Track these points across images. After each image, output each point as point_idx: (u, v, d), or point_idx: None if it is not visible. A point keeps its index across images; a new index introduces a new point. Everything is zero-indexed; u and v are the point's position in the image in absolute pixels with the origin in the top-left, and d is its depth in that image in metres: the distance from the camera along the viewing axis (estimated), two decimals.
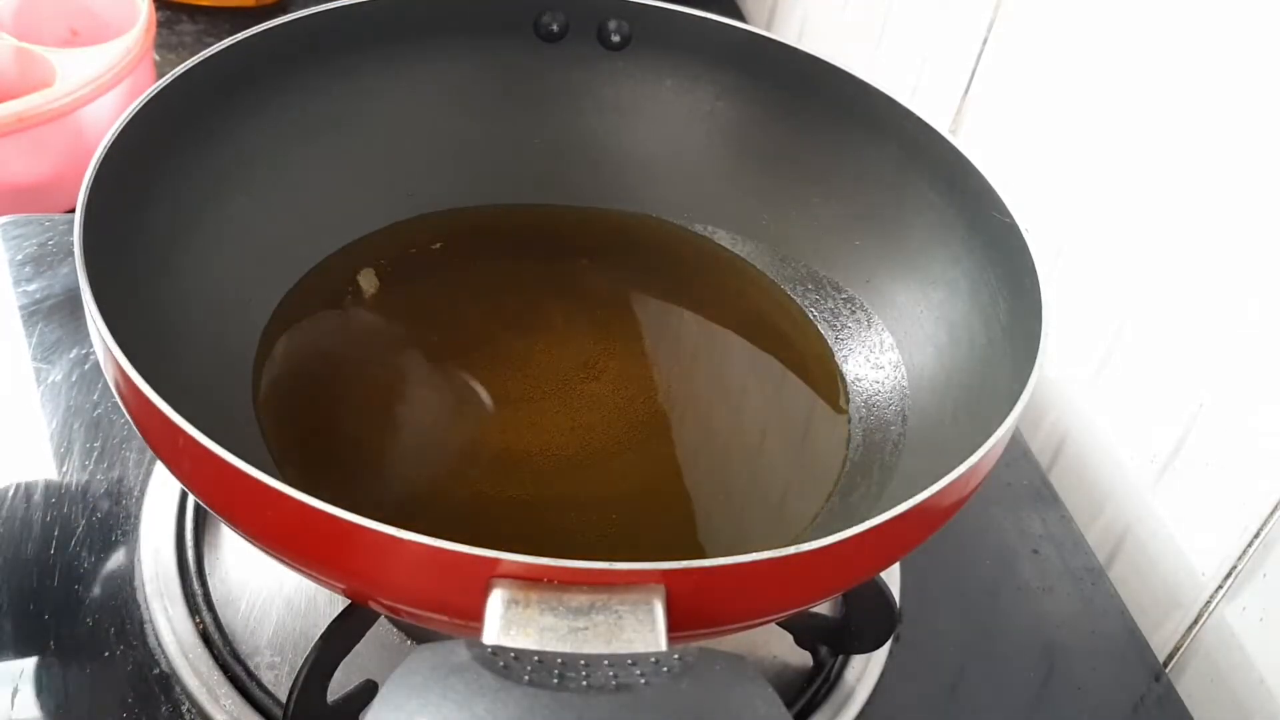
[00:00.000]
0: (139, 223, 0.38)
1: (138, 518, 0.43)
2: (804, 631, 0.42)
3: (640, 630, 0.26)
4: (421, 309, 0.45)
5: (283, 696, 0.38)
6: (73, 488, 0.45)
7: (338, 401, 0.41)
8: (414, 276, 0.46)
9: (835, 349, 0.46)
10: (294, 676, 0.34)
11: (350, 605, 0.34)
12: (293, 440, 0.39)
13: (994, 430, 0.32)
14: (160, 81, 0.39)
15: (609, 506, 0.39)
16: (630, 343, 0.45)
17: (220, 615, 0.40)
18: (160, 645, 0.39)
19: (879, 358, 0.45)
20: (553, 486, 0.39)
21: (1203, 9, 0.46)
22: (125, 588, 0.41)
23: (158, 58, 0.72)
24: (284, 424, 0.40)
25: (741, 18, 0.89)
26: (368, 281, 0.45)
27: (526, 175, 0.50)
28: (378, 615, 0.36)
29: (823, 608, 0.42)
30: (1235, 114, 0.45)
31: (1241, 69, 0.44)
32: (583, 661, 0.25)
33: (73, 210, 0.34)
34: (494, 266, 0.47)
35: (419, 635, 0.40)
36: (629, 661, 0.25)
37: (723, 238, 0.50)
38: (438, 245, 0.47)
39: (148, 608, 0.40)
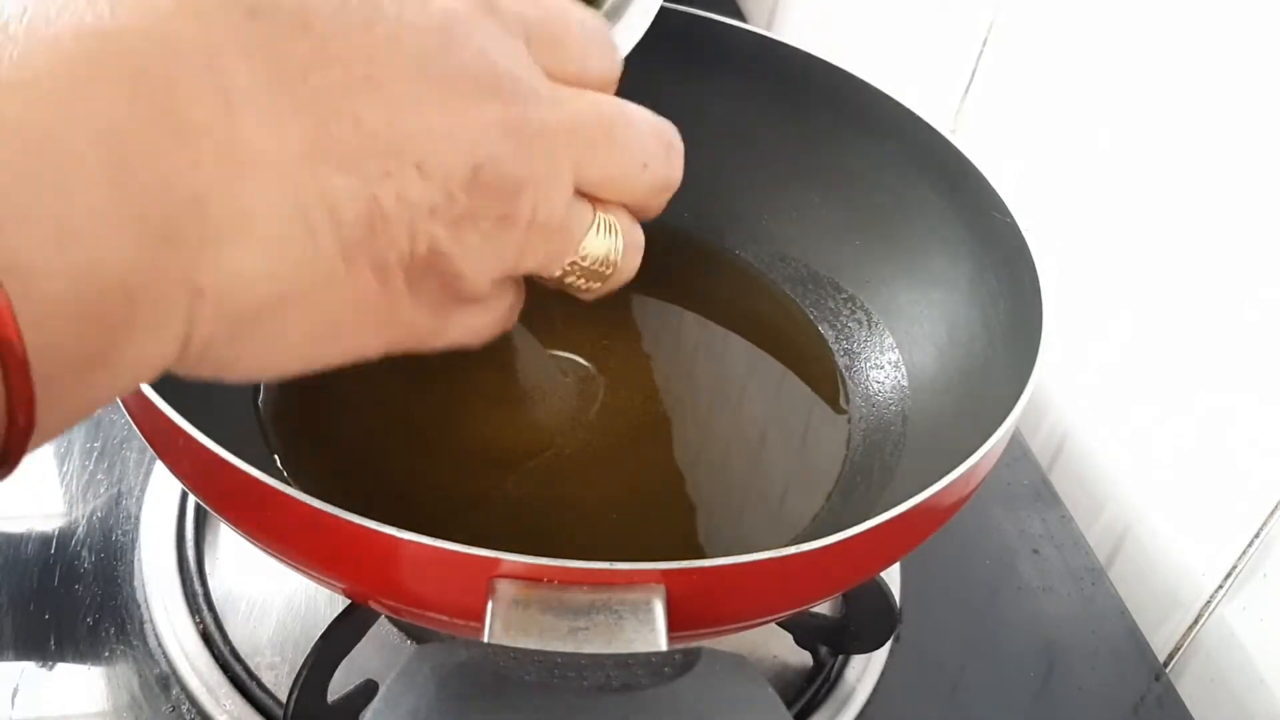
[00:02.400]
0: None
1: (138, 517, 0.43)
2: (804, 631, 0.42)
3: (640, 630, 0.26)
4: None
5: (283, 696, 0.38)
6: (73, 487, 0.45)
7: (338, 400, 0.41)
8: None
9: (835, 349, 0.46)
10: (294, 676, 0.34)
11: (350, 605, 0.34)
12: (292, 439, 0.39)
13: (994, 430, 0.32)
14: None
15: (609, 506, 0.39)
16: (630, 343, 0.45)
17: (220, 615, 0.40)
18: (160, 645, 0.39)
19: (879, 357, 0.45)
20: (552, 486, 0.39)
21: (1202, 10, 0.46)
22: (125, 588, 0.41)
23: None
24: (284, 423, 0.40)
25: (741, 17, 0.89)
26: None
27: None
28: (378, 615, 0.36)
29: (823, 607, 0.42)
30: (1234, 116, 0.45)
31: (1241, 67, 0.44)
32: (583, 662, 0.25)
33: None
34: None
35: (419, 635, 0.40)
36: (629, 662, 0.25)
37: (722, 238, 0.50)
38: None
39: (148, 607, 0.41)
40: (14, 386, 0.19)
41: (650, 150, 0.29)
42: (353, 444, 0.40)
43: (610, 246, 0.30)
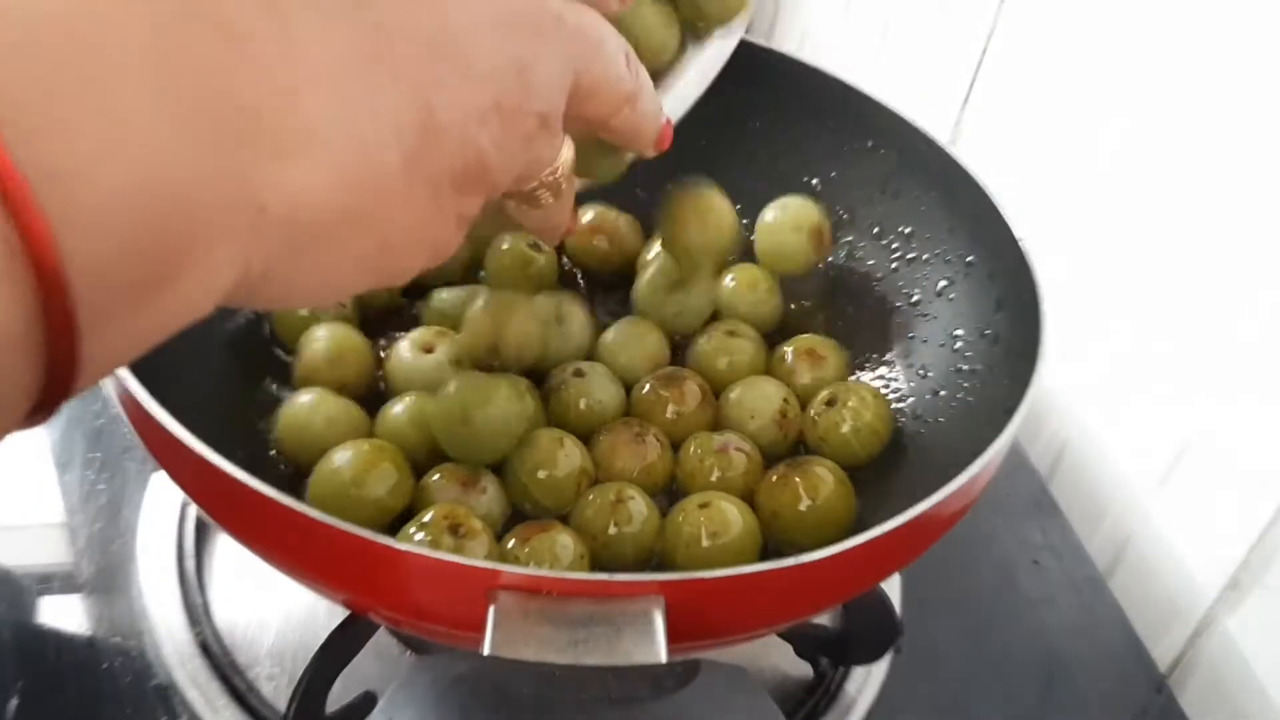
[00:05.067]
0: None
1: (137, 527, 0.43)
2: (804, 642, 0.42)
3: (639, 642, 0.26)
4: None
5: (282, 708, 0.38)
6: (73, 497, 0.45)
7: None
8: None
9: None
10: (293, 687, 0.34)
11: (350, 616, 0.34)
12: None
13: (993, 440, 0.32)
14: None
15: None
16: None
17: (219, 625, 0.40)
18: (159, 656, 0.39)
19: (878, 366, 0.45)
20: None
21: (1201, 21, 0.46)
22: (124, 597, 0.41)
23: None
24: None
25: None
26: None
27: None
28: (377, 626, 0.36)
29: (823, 618, 0.42)
30: (1230, 123, 0.45)
31: (1239, 75, 0.44)
32: (582, 674, 0.25)
33: None
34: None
35: (419, 646, 0.40)
36: (629, 674, 0.25)
37: None
38: None
39: (147, 618, 0.40)
40: (51, 314, 0.17)
41: (622, 65, 0.29)
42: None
43: (570, 157, 0.30)
